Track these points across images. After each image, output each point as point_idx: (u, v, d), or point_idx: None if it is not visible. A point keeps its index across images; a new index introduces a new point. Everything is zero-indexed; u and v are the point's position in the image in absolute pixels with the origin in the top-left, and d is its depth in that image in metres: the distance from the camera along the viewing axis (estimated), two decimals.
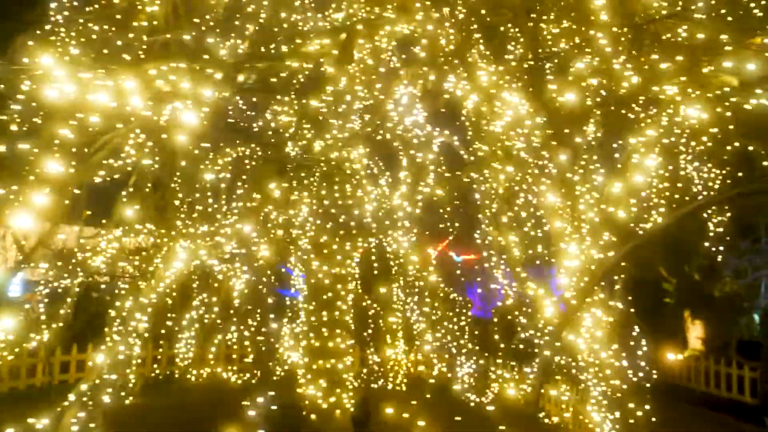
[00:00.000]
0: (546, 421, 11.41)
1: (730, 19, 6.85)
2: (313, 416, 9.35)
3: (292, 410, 9.36)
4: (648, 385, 10.82)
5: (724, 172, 10.24)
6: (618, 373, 8.18)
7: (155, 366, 14.65)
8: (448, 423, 9.81)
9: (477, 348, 12.62)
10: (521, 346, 10.86)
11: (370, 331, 15.19)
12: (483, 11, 8.56)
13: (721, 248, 12.46)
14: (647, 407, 10.10)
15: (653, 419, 9.74)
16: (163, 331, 13.85)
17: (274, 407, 9.00)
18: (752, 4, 6.67)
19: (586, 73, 7.74)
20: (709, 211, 11.40)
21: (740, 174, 9.53)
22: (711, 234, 11.63)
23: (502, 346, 12.11)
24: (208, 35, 7.74)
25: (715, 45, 6.69)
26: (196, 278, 13.93)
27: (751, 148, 9.17)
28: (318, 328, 9.47)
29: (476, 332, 14.61)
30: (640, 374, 10.73)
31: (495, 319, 13.20)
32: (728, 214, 11.40)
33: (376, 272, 14.78)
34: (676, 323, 17.90)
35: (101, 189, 10.66)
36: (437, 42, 8.30)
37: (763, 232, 14.71)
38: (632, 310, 11.60)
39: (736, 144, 9.53)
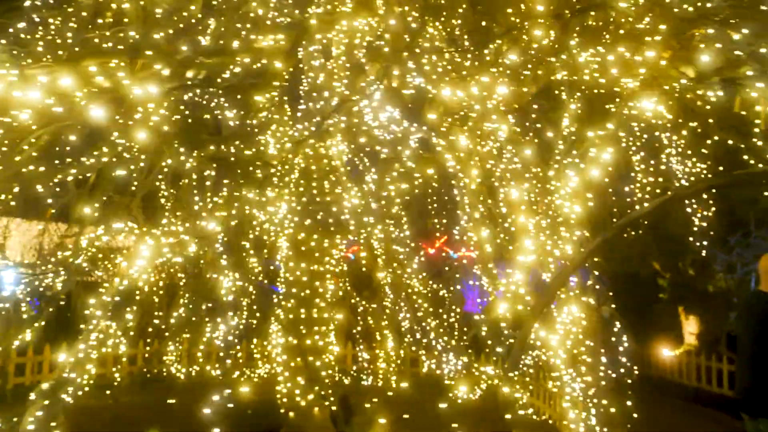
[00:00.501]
0: (534, 417, 11.40)
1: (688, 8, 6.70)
2: (291, 414, 9.33)
3: (270, 408, 9.34)
4: (630, 381, 10.76)
5: (705, 166, 10.15)
6: (593, 370, 8.12)
7: (143, 364, 14.67)
8: (396, 421, 9.65)
9: (462, 344, 12.57)
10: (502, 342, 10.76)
11: (359, 328, 15.25)
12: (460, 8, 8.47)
13: (705, 243, 12.36)
14: (629, 403, 10.09)
15: (635, 415, 9.68)
16: (150, 329, 13.91)
17: (230, 405, 8.97)
18: None
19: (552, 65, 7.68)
20: (695, 206, 11.31)
21: (720, 168, 9.44)
22: (696, 229, 11.54)
23: (489, 342, 12.02)
24: (173, 33, 7.68)
25: (658, 35, 6.58)
26: (184, 276, 13.97)
27: (730, 141, 9.08)
28: (296, 325, 9.44)
29: (465, 329, 14.61)
30: (622, 370, 10.68)
31: (482, 316, 13.13)
32: (713, 209, 11.31)
33: (364, 269, 14.81)
34: (670, 319, 17.84)
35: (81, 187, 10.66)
36: (400, 37, 8.22)
37: (753, 226, 14.61)
38: (613, 305, 11.53)
39: (716, 138, 9.46)
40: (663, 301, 18.69)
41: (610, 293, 12.80)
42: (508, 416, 5.84)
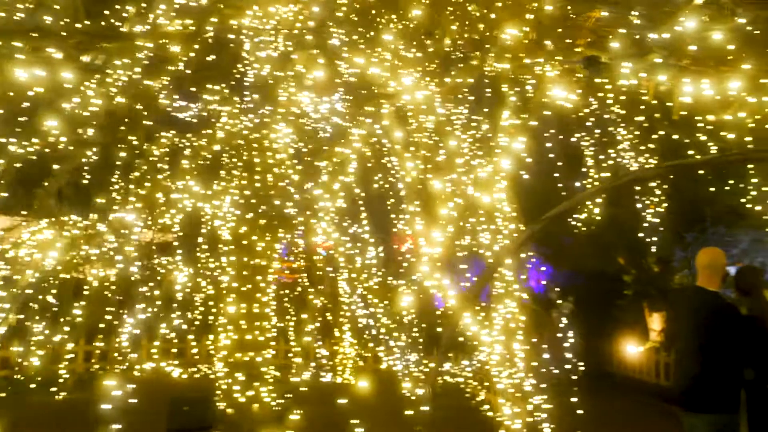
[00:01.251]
0: (490, 414, 11.30)
1: None
2: (229, 410, 9.17)
3: (208, 404, 9.14)
4: (575, 377, 10.67)
5: (655, 161, 10.09)
6: (531, 365, 8.03)
7: (93, 361, 14.44)
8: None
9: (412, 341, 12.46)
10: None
11: (317, 324, 15.10)
12: None
13: (656, 239, 12.34)
14: (574, 399, 10.04)
15: (579, 411, 9.64)
16: (102, 326, 13.64)
17: (133, 401, 8.78)
18: None
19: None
20: (647, 201, 11.26)
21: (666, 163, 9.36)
22: (646, 225, 11.50)
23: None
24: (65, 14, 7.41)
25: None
26: (137, 271, 13.73)
27: (676, 136, 9.02)
28: (237, 320, 9.28)
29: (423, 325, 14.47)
30: (567, 366, 10.59)
31: (437, 312, 13.01)
32: (665, 205, 11.26)
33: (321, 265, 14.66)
34: (635, 316, 17.82)
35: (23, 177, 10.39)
36: (324, 24, 8.04)
37: (708, 223, 14.62)
38: (559, 301, 11.46)
39: (662, 132, 9.40)
40: (628, 297, 18.66)
41: (564, 290, 12.70)
42: (409, 412, 5.70)
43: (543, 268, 10.50)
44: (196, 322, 14.41)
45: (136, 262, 11.60)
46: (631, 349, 16.67)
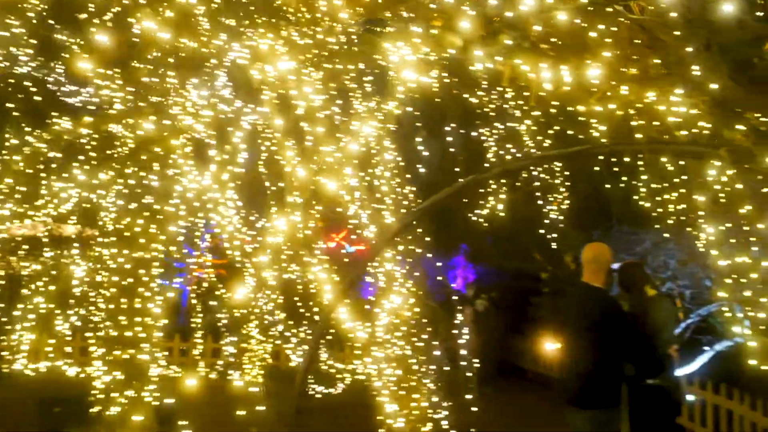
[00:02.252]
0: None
1: None
2: (106, 411, 8.68)
3: (82, 405, 8.67)
4: (471, 374, 10.65)
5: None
6: (419, 363, 7.87)
7: None
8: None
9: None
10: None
11: (225, 321, 14.74)
12: None
13: (562, 236, 12.47)
14: (469, 397, 10.02)
15: (474, 408, 9.61)
16: None
17: None
18: None
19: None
20: (551, 198, 11.32)
21: None
22: (547, 221, 11.56)
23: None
24: None
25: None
26: (28, 264, 13.07)
27: (570, 132, 9.02)
28: (116, 315, 8.80)
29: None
30: (463, 363, 10.56)
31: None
32: (567, 203, 11.35)
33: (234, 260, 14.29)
34: (553, 313, 18.02)
35: None
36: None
37: (615, 221, 14.89)
38: (456, 297, 11.43)
39: (557, 128, 9.40)
40: (545, 294, 18.89)
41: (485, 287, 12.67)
42: (242, 412, 5.42)
43: (439, 264, 10.39)
44: (95, 318, 13.78)
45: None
46: (546, 346, 16.89)
